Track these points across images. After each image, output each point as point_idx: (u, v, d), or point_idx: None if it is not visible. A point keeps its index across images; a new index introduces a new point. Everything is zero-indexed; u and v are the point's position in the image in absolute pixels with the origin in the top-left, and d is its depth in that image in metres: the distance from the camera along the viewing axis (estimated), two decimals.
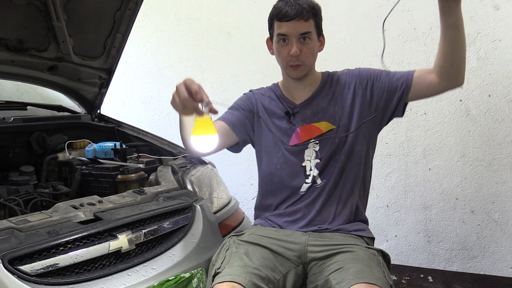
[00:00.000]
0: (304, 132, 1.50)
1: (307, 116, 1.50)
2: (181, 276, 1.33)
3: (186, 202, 1.54)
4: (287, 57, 1.43)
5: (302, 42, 1.41)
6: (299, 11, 1.38)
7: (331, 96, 1.51)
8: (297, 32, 1.40)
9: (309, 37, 1.42)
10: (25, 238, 1.14)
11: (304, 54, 1.42)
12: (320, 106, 1.50)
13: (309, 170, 1.48)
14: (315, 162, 1.48)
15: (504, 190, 2.28)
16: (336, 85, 1.52)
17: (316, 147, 1.48)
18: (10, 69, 1.82)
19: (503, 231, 2.30)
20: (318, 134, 1.49)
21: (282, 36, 1.42)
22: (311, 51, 1.45)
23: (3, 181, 1.67)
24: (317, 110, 1.50)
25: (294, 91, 1.54)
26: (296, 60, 1.43)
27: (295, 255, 1.39)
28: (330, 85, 1.52)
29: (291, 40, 1.41)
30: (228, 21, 2.88)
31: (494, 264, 2.33)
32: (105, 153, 1.90)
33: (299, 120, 1.51)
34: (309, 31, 1.41)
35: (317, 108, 1.50)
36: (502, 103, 2.25)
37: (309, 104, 1.51)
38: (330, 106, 1.49)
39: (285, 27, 1.40)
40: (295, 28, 1.40)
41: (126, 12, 1.89)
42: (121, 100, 3.21)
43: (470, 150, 2.33)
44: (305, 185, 1.48)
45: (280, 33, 1.42)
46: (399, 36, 2.43)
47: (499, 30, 2.22)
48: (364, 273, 1.21)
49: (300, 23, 1.39)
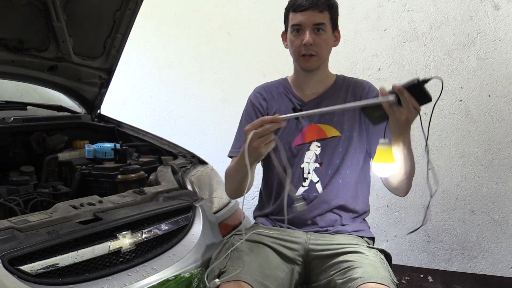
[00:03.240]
0: (309, 132, 1.47)
1: (315, 116, 1.48)
2: (181, 276, 1.33)
3: (186, 202, 1.53)
4: (300, 47, 1.41)
5: (316, 32, 1.40)
6: (314, 2, 1.38)
7: (342, 102, 1.47)
8: (311, 22, 1.39)
9: (323, 29, 1.40)
10: (25, 238, 1.14)
11: (317, 45, 1.40)
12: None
13: (307, 173, 1.46)
14: (314, 166, 1.45)
15: (504, 190, 2.28)
16: (350, 92, 1.49)
17: (318, 150, 1.46)
18: (10, 69, 1.82)
19: (503, 231, 2.30)
20: (322, 137, 1.46)
21: (296, 27, 1.41)
22: (325, 42, 1.42)
23: (3, 181, 1.67)
24: (325, 113, 1.46)
25: (304, 86, 1.51)
26: (308, 49, 1.40)
27: (298, 254, 1.39)
28: (344, 91, 1.49)
29: (305, 30, 1.40)
30: (228, 21, 2.88)
31: (494, 264, 2.33)
32: (105, 153, 1.90)
33: (306, 118, 1.48)
34: (323, 23, 1.40)
35: None
36: (502, 103, 2.25)
37: (319, 104, 1.47)
38: (340, 113, 1.46)
39: (299, 17, 1.40)
40: (309, 17, 1.38)
41: (126, 12, 1.89)
42: (121, 100, 3.21)
43: (470, 150, 2.33)
44: (301, 189, 1.46)
45: (294, 23, 1.41)
46: (399, 36, 2.43)
47: (499, 30, 2.22)
48: (371, 272, 1.21)
49: (315, 13, 1.38)
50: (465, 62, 2.31)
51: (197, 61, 3.00)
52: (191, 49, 3.01)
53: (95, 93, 2.16)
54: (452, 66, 2.34)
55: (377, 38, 2.48)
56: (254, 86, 1.64)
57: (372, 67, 2.51)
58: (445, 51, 2.35)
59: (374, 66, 2.50)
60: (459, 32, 2.31)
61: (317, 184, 1.45)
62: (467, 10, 2.28)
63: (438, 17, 2.34)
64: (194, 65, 3.01)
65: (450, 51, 2.34)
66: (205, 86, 3.00)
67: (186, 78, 3.05)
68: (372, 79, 2.47)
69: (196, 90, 3.02)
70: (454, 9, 2.30)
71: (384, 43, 2.47)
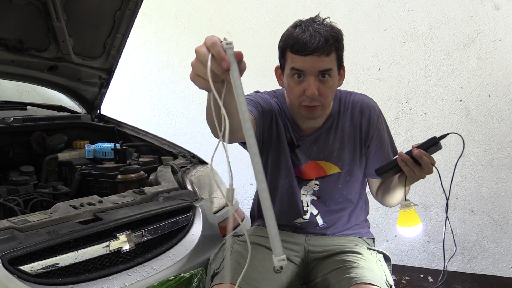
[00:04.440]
0: (308, 170, 1.38)
1: (313, 153, 1.36)
2: (181, 276, 1.33)
3: (186, 202, 1.53)
4: (302, 97, 1.22)
5: (321, 79, 1.20)
6: (320, 44, 1.15)
7: (341, 133, 1.36)
8: (316, 69, 1.18)
9: (329, 74, 1.20)
10: (25, 238, 1.14)
11: (323, 94, 1.21)
12: (329, 143, 1.36)
13: (306, 206, 1.41)
14: (311, 199, 1.41)
15: (504, 190, 2.28)
16: (349, 120, 1.36)
17: (316, 187, 1.40)
18: (10, 69, 1.82)
19: (503, 231, 2.30)
20: (322, 175, 1.38)
21: (297, 71, 1.20)
22: (331, 89, 1.23)
23: (3, 181, 1.67)
24: (324, 148, 1.36)
25: (301, 122, 1.36)
26: (312, 101, 1.21)
27: (297, 255, 1.39)
28: (343, 118, 1.36)
29: (308, 77, 1.19)
30: (228, 21, 2.88)
31: (494, 264, 2.33)
32: (105, 153, 1.90)
33: (303, 154, 1.36)
34: (330, 68, 1.20)
35: (325, 145, 1.36)
36: (502, 103, 2.25)
37: (316, 140, 1.36)
38: (340, 146, 1.36)
39: (301, 62, 1.18)
40: (314, 64, 1.17)
41: (126, 12, 1.89)
42: (121, 100, 3.21)
43: (470, 150, 2.33)
44: (301, 220, 1.43)
45: (294, 67, 1.20)
46: (399, 36, 2.43)
47: (499, 30, 2.22)
48: (363, 273, 1.21)
49: (321, 58, 1.17)
50: (465, 62, 2.31)
51: None
52: (191, 49, 2.98)
53: (95, 93, 2.16)
54: (452, 66, 2.34)
55: (377, 38, 2.48)
56: (254, 86, 1.62)
57: (372, 67, 2.51)
58: (445, 51, 2.35)
59: (374, 66, 2.50)
60: (459, 32, 2.31)
61: (317, 216, 1.43)
62: (467, 10, 2.28)
63: (438, 17, 2.34)
64: None
65: (450, 51, 2.34)
66: None
67: (186, 78, 3.00)
68: (372, 79, 2.49)
69: (196, 90, 3.00)
70: (454, 9, 2.30)
71: (384, 43, 2.47)
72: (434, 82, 2.38)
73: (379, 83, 2.48)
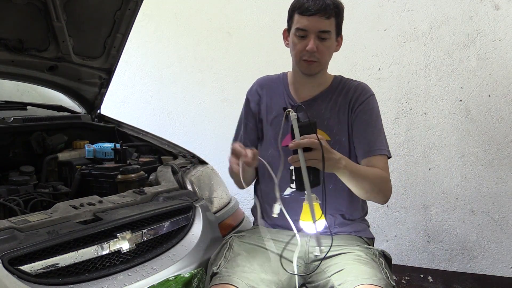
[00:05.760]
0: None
1: (305, 118, 1.43)
2: (181, 276, 1.33)
3: (186, 202, 1.53)
4: (302, 52, 1.40)
5: (320, 40, 1.38)
6: (322, 7, 1.35)
7: (334, 105, 1.47)
8: (317, 29, 1.37)
9: (328, 36, 1.39)
10: (25, 238, 1.13)
11: (320, 52, 1.39)
12: (321, 111, 1.46)
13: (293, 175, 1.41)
14: None
15: (504, 190, 2.28)
16: (343, 95, 1.48)
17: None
18: (10, 69, 1.82)
19: (503, 231, 2.30)
20: None
21: (301, 31, 1.38)
22: (328, 49, 1.42)
23: (3, 181, 1.67)
24: (316, 115, 1.44)
25: (300, 87, 1.51)
26: (311, 56, 1.39)
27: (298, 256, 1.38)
28: (338, 93, 1.49)
29: (309, 35, 1.37)
30: (228, 21, 2.88)
31: (494, 264, 2.33)
32: (105, 153, 1.90)
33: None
34: (329, 30, 1.38)
35: (317, 113, 1.46)
36: (502, 103, 2.25)
37: (310, 106, 1.46)
38: (331, 116, 1.46)
39: (305, 21, 1.37)
40: (315, 24, 1.36)
41: (126, 12, 1.89)
42: (121, 100, 3.21)
43: (470, 150, 2.34)
44: (289, 189, 1.45)
45: (299, 27, 1.38)
46: (399, 36, 2.43)
47: (499, 30, 2.22)
48: (366, 274, 1.21)
49: (321, 19, 1.36)
50: (465, 62, 2.31)
51: (197, 61, 3.00)
52: (191, 49, 3.01)
53: (95, 93, 2.16)
54: (452, 66, 2.34)
55: (377, 38, 2.48)
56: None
57: (372, 67, 2.51)
58: (445, 51, 2.35)
59: (374, 66, 2.51)
60: (459, 32, 2.31)
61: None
62: (467, 10, 2.28)
63: (438, 17, 2.34)
64: (194, 65, 3.01)
65: (450, 51, 2.34)
66: (205, 86, 3.00)
67: (186, 78, 3.05)
68: (372, 79, 2.49)
69: (196, 90, 3.02)
70: (454, 9, 2.31)
71: (384, 43, 2.47)
72: (434, 82, 2.38)
73: (379, 83, 2.48)
